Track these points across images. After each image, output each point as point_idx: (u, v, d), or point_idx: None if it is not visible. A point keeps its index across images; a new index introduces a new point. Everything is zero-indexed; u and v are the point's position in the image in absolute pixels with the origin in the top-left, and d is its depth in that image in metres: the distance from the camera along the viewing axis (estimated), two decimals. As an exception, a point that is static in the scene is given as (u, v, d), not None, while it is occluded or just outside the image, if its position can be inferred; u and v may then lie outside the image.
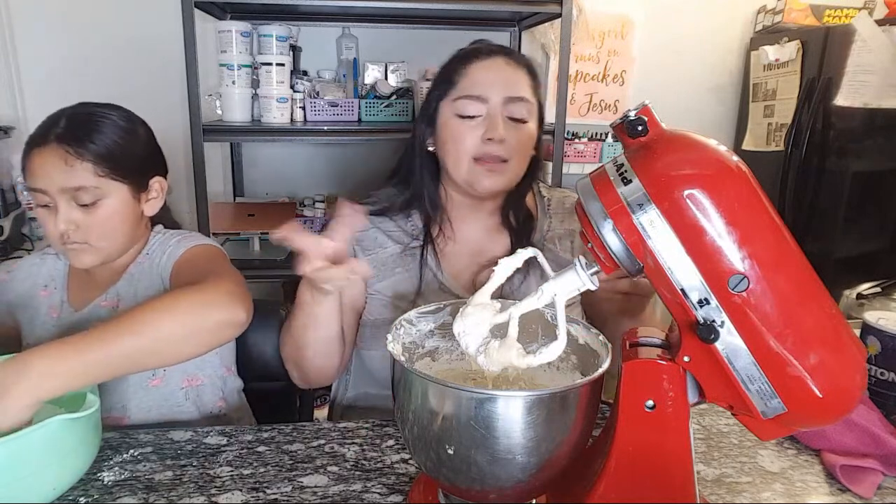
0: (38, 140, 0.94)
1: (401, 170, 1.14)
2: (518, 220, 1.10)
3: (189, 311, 0.81)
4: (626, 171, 0.58)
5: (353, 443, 0.88)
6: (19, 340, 1.06)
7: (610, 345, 0.68)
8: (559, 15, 2.03)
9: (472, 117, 1.02)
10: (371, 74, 2.38)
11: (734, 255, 0.55)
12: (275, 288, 2.42)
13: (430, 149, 1.10)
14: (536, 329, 0.78)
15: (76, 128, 0.94)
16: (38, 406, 0.71)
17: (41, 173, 0.93)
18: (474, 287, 1.08)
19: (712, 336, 0.57)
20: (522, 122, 1.03)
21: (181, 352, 0.83)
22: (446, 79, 1.06)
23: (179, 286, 0.89)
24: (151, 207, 1.04)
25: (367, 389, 1.13)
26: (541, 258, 0.68)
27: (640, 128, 0.58)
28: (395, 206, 1.12)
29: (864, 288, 2.02)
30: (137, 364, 0.81)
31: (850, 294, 2.03)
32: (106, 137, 0.95)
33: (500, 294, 0.90)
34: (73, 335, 0.76)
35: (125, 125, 0.99)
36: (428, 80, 2.32)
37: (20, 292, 1.07)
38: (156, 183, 1.04)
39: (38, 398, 0.71)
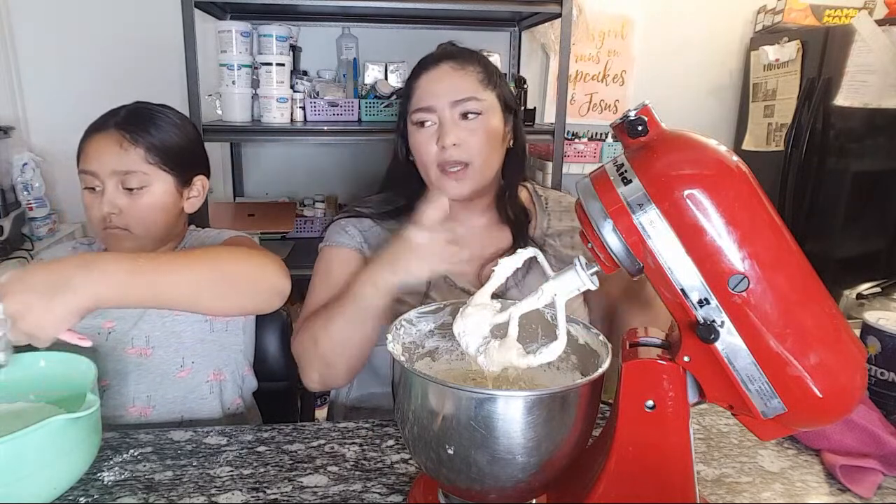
0: (98, 126, 1.00)
1: (392, 179, 1.18)
2: (514, 213, 1.12)
3: (256, 266, 0.87)
4: (626, 171, 0.58)
5: (353, 443, 0.88)
6: None
7: (610, 345, 0.68)
8: (559, 15, 2.03)
9: (426, 125, 1.06)
10: (371, 74, 2.38)
11: (734, 255, 0.55)
12: (275, 288, 2.42)
13: (411, 158, 1.13)
14: (536, 329, 0.78)
15: (135, 118, 1.01)
16: (90, 312, 0.70)
17: (95, 155, 0.98)
18: (479, 282, 1.08)
19: (712, 336, 0.57)
20: (477, 114, 1.04)
21: (234, 303, 0.87)
22: (405, 94, 1.11)
23: None
24: (192, 205, 1.09)
25: (371, 389, 1.14)
26: (541, 258, 0.68)
27: (640, 128, 0.58)
28: (397, 210, 1.15)
29: (864, 288, 2.02)
30: (193, 300, 0.81)
31: (850, 294, 2.03)
32: (161, 130, 1.01)
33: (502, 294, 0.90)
34: (145, 254, 0.78)
35: (178, 122, 1.05)
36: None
37: None
38: (199, 181, 1.09)
39: (96, 301, 0.70)
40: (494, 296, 0.71)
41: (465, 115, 1.04)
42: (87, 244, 1.12)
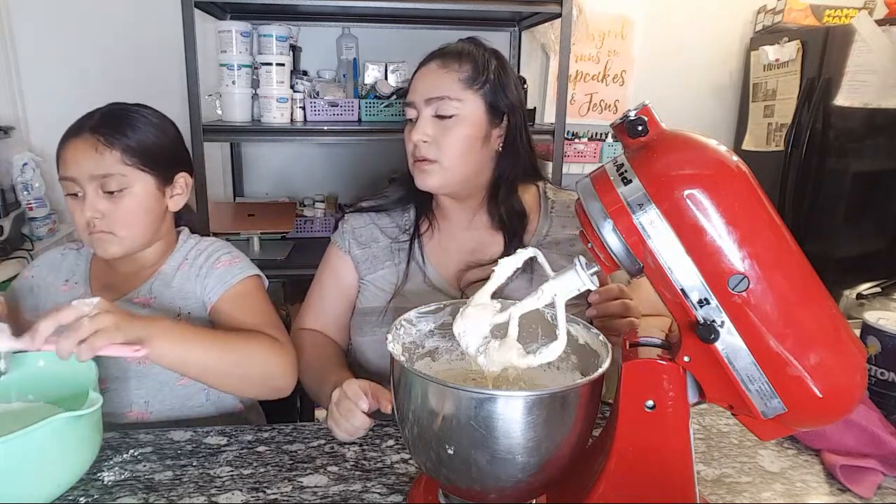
0: (74, 131, 0.99)
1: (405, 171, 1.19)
2: (508, 217, 1.11)
3: (268, 369, 0.94)
4: (626, 171, 0.58)
5: (353, 443, 0.88)
6: None
7: (610, 344, 0.68)
8: (559, 15, 2.03)
9: (411, 120, 1.08)
10: (371, 74, 2.38)
11: (734, 255, 0.55)
12: (275, 288, 2.42)
13: None
14: (536, 329, 0.78)
15: (109, 120, 1.00)
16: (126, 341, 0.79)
17: (73, 161, 0.97)
18: (458, 284, 1.09)
19: (712, 336, 0.57)
20: (449, 117, 1.04)
21: (236, 391, 0.95)
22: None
23: (242, 322, 1.00)
24: (176, 203, 1.08)
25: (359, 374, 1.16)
26: (541, 258, 0.68)
27: (640, 128, 0.58)
28: (391, 202, 1.19)
29: (864, 288, 2.02)
30: (203, 377, 0.90)
31: (850, 294, 2.02)
32: (136, 131, 1.00)
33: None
34: (185, 325, 0.89)
35: (155, 121, 1.04)
36: (428, 80, 2.31)
37: (43, 287, 1.09)
38: (181, 178, 1.07)
39: (137, 335, 0.80)
40: (494, 295, 0.71)
41: (438, 114, 1.04)
42: (76, 248, 1.12)
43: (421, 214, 1.16)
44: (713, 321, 0.57)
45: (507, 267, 0.69)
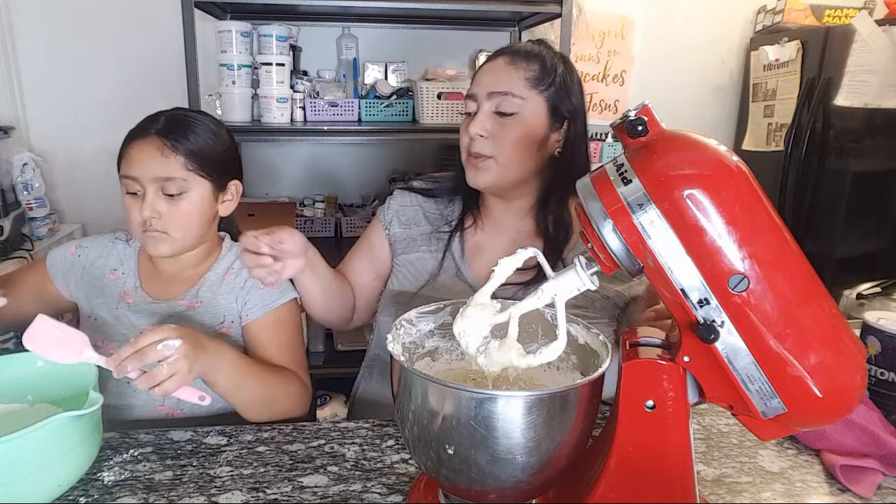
0: (139, 132, 1.03)
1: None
2: (553, 227, 1.09)
3: (289, 407, 1.01)
4: (626, 171, 0.58)
5: (353, 443, 0.88)
6: (64, 312, 1.10)
7: (610, 344, 0.68)
8: (559, 15, 2.03)
9: (469, 114, 1.07)
10: (371, 74, 2.38)
11: (734, 255, 0.55)
12: (275, 288, 2.42)
13: None
14: (536, 329, 0.78)
15: (174, 125, 1.03)
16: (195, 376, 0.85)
17: (137, 162, 1.00)
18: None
19: (712, 336, 0.57)
20: (510, 115, 1.03)
21: (258, 418, 0.98)
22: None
23: (272, 353, 1.06)
24: (226, 208, 1.11)
25: (378, 351, 1.21)
26: (541, 258, 0.68)
27: (640, 128, 0.58)
28: (441, 188, 1.20)
29: (864, 288, 2.02)
30: (239, 406, 0.97)
31: (850, 294, 2.02)
32: (198, 137, 1.04)
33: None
34: (245, 360, 0.96)
35: (214, 129, 1.08)
36: (428, 79, 2.32)
37: (89, 271, 1.10)
38: (233, 185, 1.11)
39: (204, 370, 0.87)
40: (494, 296, 0.71)
41: (499, 110, 1.03)
42: (125, 240, 1.14)
43: (467, 209, 1.16)
44: (713, 321, 0.57)
45: (507, 266, 0.69)
